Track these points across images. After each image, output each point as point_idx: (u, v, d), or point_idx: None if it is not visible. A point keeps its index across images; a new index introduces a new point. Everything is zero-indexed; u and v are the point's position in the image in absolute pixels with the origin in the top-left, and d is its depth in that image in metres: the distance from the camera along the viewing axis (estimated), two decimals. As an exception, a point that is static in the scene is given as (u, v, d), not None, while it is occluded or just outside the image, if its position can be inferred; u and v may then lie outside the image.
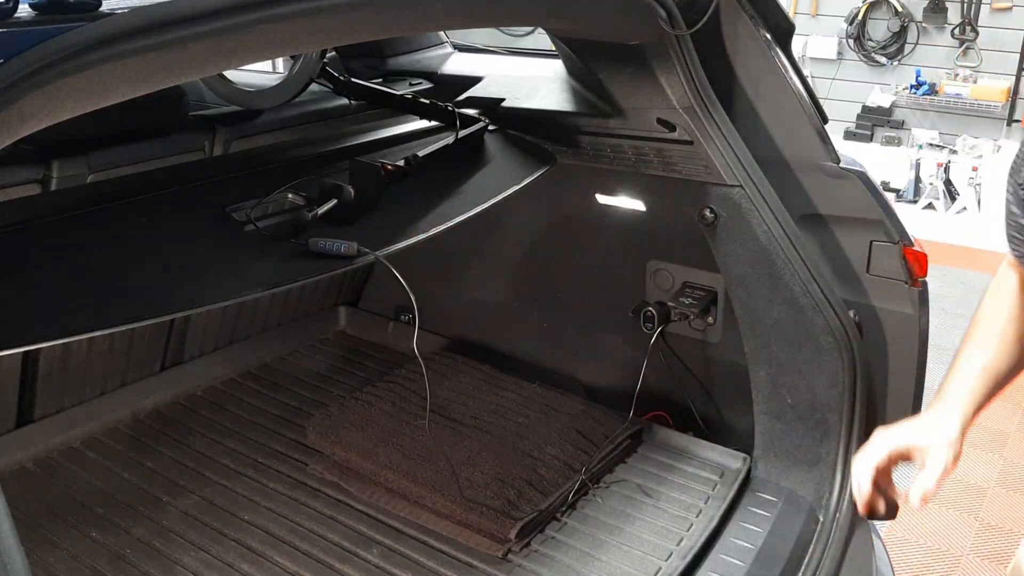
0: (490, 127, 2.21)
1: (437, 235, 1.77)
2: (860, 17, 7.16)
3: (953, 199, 6.82)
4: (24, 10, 1.21)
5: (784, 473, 2.05)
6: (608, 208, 2.31)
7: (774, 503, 2.01)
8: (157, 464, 2.18)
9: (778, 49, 1.92)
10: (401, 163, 1.85)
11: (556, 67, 2.22)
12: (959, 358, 1.39)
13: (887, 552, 2.16)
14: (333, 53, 2.51)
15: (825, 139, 1.96)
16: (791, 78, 1.93)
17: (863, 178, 1.94)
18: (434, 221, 1.81)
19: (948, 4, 6.86)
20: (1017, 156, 1.25)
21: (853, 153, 2.06)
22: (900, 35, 7.10)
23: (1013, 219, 1.29)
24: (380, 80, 2.55)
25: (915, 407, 2.02)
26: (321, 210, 1.67)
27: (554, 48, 2.14)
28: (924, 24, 7.00)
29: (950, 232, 6.42)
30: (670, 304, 2.22)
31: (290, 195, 1.72)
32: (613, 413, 2.30)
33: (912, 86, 7.08)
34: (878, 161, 6.92)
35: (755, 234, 1.93)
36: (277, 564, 1.86)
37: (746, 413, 2.11)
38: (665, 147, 2.00)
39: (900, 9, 6.99)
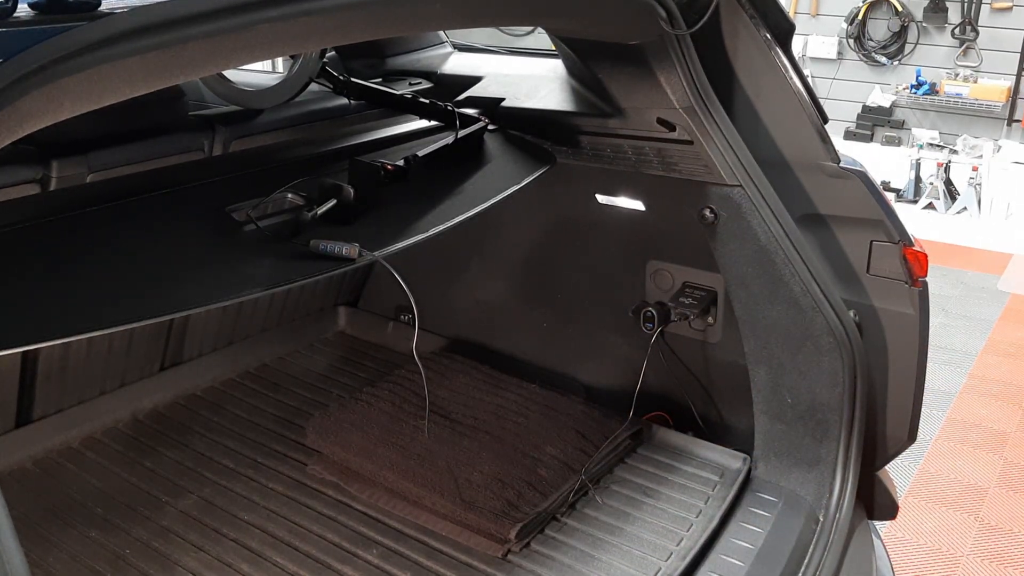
0: (490, 127, 2.21)
1: (437, 235, 1.77)
2: (860, 17, 7.16)
3: (953, 199, 6.82)
4: (23, 10, 1.21)
5: (784, 473, 2.05)
6: (608, 208, 2.31)
7: (774, 503, 2.01)
8: (156, 464, 2.18)
9: (778, 49, 1.92)
10: (401, 163, 1.85)
11: (556, 67, 2.22)
12: None
13: (887, 552, 2.16)
14: (333, 53, 2.51)
15: (825, 139, 1.96)
16: (791, 78, 1.93)
17: (863, 178, 1.94)
18: (434, 221, 1.80)
19: (948, 4, 6.86)
20: None
21: (853, 153, 2.06)
22: (900, 35, 7.10)
23: None
24: (380, 80, 2.55)
25: (915, 407, 2.02)
26: (321, 210, 1.67)
27: (554, 48, 2.14)
28: (924, 24, 7.00)
29: (950, 232, 6.42)
30: (670, 304, 2.21)
31: (290, 195, 1.72)
32: (613, 413, 2.30)
33: (912, 86, 7.08)
34: (878, 161, 6.93)
35: (755, 234, 1.93)
36: (276, 564, 1.86)
37: (746, 413, 2.11)
38: (665, 147, 1.99)
39: (900, 9, 6.99)
